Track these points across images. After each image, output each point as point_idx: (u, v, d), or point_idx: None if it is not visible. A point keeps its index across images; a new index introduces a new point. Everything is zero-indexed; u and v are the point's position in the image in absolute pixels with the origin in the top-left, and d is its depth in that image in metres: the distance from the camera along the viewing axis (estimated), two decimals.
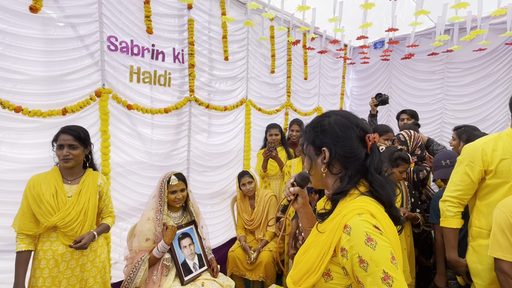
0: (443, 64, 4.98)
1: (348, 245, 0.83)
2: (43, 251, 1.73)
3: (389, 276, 0.78)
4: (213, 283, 2.22)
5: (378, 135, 0.97)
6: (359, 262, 0.80)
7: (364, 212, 0.85)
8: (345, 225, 0.85)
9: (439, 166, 2.22)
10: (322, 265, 0.88)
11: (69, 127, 1.80)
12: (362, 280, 0.81)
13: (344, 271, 0.87)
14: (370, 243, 0.80)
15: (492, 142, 1.63)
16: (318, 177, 1.00)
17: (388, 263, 0.79)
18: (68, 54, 2.28)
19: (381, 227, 0.84)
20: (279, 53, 4.20)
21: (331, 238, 0.87)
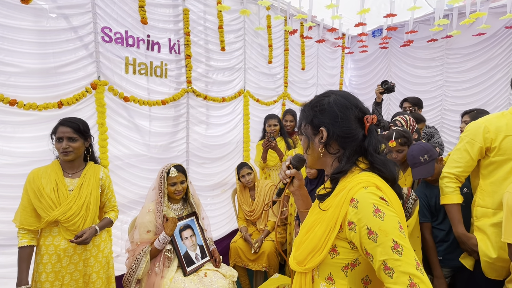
0: (442, 51, 4.93)
1: (356, 218, 0.82)
2: (45, 246, 1.71)
3: (399, 245, 0.78)
4: (216, 273, 2.21)
5: (376, 118, 0.95)
6: (367, 233, 0.80)
7: (369, 185, 0.85)
8: (351, 198, 0.84)
9: (417, 163, 1.93)
10: (329, 241, 0.87)
11: (67, 119, 1.76)
12: (371, 252, 0.80)
13: (350, 245, 0.86)
14: (378, 214, 0.80)
15: (495, 119, 1.63)
16: (315, 156, 0.99)
17: (396, 232, 0.79)
18: (61, 46, 2.25)
19: (387, 199, 0.84)
20: (276, 43, 4.15)
21: (337, 214, 0.86)
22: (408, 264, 0.77)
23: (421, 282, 0.75)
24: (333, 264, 0.89)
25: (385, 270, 0.78)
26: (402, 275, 0.76)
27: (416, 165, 1.93)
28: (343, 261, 0.88)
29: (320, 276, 0.93)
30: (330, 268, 0.90)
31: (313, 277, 0.95)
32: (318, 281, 0.94)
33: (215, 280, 2.14)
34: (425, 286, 0.75)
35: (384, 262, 0.78)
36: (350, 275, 0.88)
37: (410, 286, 0.75)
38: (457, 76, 4.83)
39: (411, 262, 0.77)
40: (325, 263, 0.90)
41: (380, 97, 3.37)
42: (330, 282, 0.91)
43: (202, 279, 2.13)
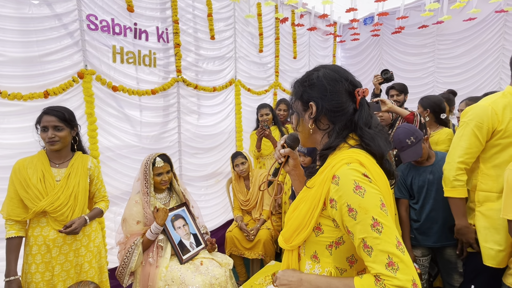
0: (433, 37, 4.94)
1: (337, 195, 0.80)
2: (34, 237, 1.68)
3: (379, 223, 0.76)
4: (212, 261, 2.20)
5: (368, 90, 0.93)
6: (348, 211, 0.78)
7: (352, 161, 0.82)
8: (333, 175, 0.82)
9: (405, 146, 1.86)
10: (313, 219, 0.86)
11: (52, 108, 1.71)
12: (351, 230, 0.79)
13: (334, 224, 0.85)
14: (359, 191, 0.78)
15: (500, 101, 1.54)
16: (306, 133, 0.96)
17: (377, 209, 0.77)
18: (45, 34, 2.18)
19: (370, 175, 0.81)
20: (267, 31, 4.10)
21: (320, 191, 0.84)
22: (387, 243, 0.74)
23: (401, 261, 0.73)
24: (317, 242, 0.88)
25: (364, 248, 0.76)
26: (380, 254, 0.74)
27: (404, 148, 1.89)
28: (327, 240, 0.86)
29: (305, 254, 0.92)
30: (315, 246, 0.89)
31: (300, 255, 0.95)
32: (304, 259, 0.93)
33: (211, 268, 2.12)
34: (405, 265, 0.73)
35: (363, 240, 0.76)
36: (335, 254, 0.86)
37: (389, 265, 0.73)
38: (448, 62, 4.86)
39: (391, 240, 0.75)
40: (310, 241, 0.89)
41: (378, 88, 3.09)
42: (315, 260, 0.90)
43: (198, 267, 2.11)
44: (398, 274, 0.72)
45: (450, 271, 1.94)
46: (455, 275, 1.94)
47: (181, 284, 1.96)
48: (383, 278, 0.73)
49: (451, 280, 1.95)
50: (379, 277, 0.74)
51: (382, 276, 0.73)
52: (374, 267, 0.75)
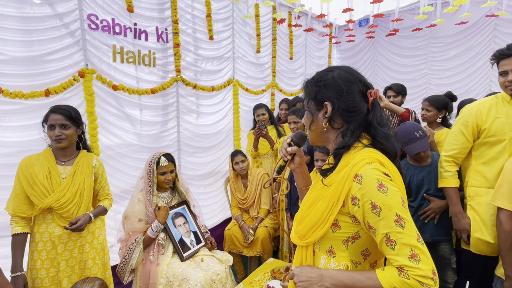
0: (426, 39, 5.04)
1: (360, 193, 0.84)
2: (39, 233, 1.70)
3: (402, 218, 0.81)
4: (212, 258, 2.24)
5: (379, 91, 0.97)
6: (371, 208, 0.82)
7: (373, 161, 0.86)
8: (355, 174, 0.85)
9: (413, 138, 1.98)
10: (331, 216, 0.89)
11: (59, 107, 1.73)
12: (374, 225, 0.83)
13: (352, 220, 0.89)
14: (382, 189, 0.82)
15: (488, 102, 1.71)
16: (319, 132, 0.99)
17: (400, 206, 0.81)
18: (47, 33, 2.19)
19: (390, 174, 0.86)
20: (264, 32, 4.15)
21: (340, 189, 0.88)
22: (410, 237, 0.79)
23: (422, 253, 0.79)
24: (334, 238, 0.91)
25: (387, 243, 0.81)
26: (404, 247, 0.79)
27: (412, 140, 1.97)
28: (344, 235, 0.90)
29: (321, 249, 0.95)
30: (331, 241, 0.92)
31: (314, 251, 0.97)
32: (319, 254, 0.96)
33: (212, 264, 2.16)
34: (425, 256, 0.79)
35: (386, 235, 0.81)
36: (351, 248, 0.90)
37: (412, 257, 0.78)
38: (440, 64, 4.96)
39: (413, 234, 0.80)
40: (326, 237, 0.92)
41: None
42: (331, 254, 0.93)
43: (199, 263, 2.15)
44: (421, 264, 0.77)
45: (444, 267, 2.01)
46: (448, 271, 2.01)
47: (183, 280, 1.99)
48: (407, 269, 0.78)
49: (445, 276, 2.02)
50: (402, 268, 0.79)
51: (406, 268, 0.78)
52: (397, 259, 0.79)
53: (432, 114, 2.49)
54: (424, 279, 0.77)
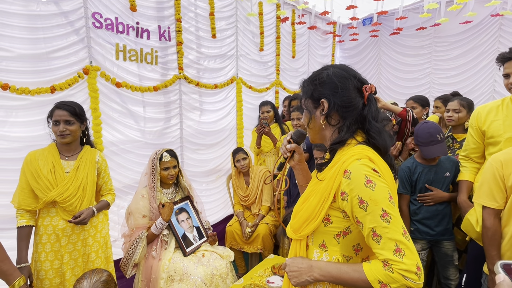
0: (430, 39, 5.02)
1: (348, 188, 0.86)
2: (43, 226, 1.74)
3: (388, 213, 0.83)
4: (213, 254, 2.27)
5: (374, 86, 0.99)
6: (359, 203, 0.85)
7: (362, 157, 0.88)
8: (345, 170, 0.88)
9: (434, 141, 1.94)
10: (322, 211, 0.92)
11: (63, 103, 1.77)
12: (361, 220, 0.85)
13: (343, 215, 0.91)
14: (370, 185, 0.84)
15: (489, 105, 1.84)
16: (317, 129, 1.01)
17: (386, 202, 0.84)
18: (52, 31, 2.23)
19: (379, 170, 0.88)
20: (267, 30, 4.16)
21: (331, 184, 0.90)
22: (395, 232, 0.82)
23: (406, 248, 0.81)
24: (326, 232, 0.94)
25: (373, 237, 0.83)
26: (389, 241, 0.81)
27: (433, 142, 1.95)
28: (335, 230, 0.92)
29: (314, 243, 0.98)
30: (324, 235, 0.95)
31: (308, 244, 1.00)
32: (312, 248, 0.99)
33: (212, 260, 2.19)
34: (410, 251, 0.81)
35: (373, 229, 0.83)
36: (342, 243, 0.93)
37: (396, 251, 0.80)
38: (444, 63, 4.95)
39: (398, 229, 0.82)
40: (318, 231, 0.95)
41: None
42: (323, 248, 0.96)
43: (200, 259, 2.18)
44: (405, 259, 0.80)
45: (446, 264, 2.03)
46: (451, 268, 2.03)
47: (184, 274, 2.03)
48: (391, 263, 0.80)
49: (447, 273, 2.04)
50: (387, 262, 0.81)
51: (390, 261, 0.81)
52: (382, 253, 0.82)
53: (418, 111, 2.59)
54: (408, 273, 0.79)
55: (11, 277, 1.32)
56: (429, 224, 2.02)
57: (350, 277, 0.86)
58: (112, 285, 1.35)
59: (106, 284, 1.32)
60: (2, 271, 1.29)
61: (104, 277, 1.33)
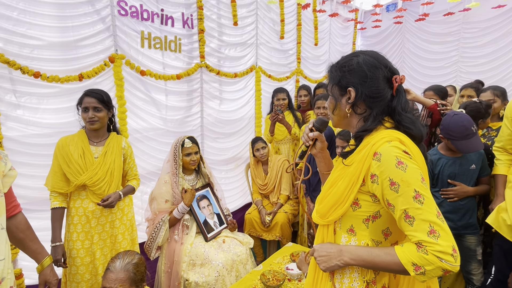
0: (459, 25, 4.80)
1: (379, 170, 0.85)
2: (75, 208, 1.84)
3: (420, 195, 0.81)
4: (234, 240, 2.32)
5: (404, 77, 0.96)
6: (390, 185, 0.84)
7: (393, 140, 0.87)
8: (374, 152, 0.87)
9: (470, 134, 1.80)
10: (351, 195, 0.91)
11: (92, 90, 1.84)
12: (392, 202, 0.84)
13: (372, 198, 0.90)
14: (401, 166, 0.83)
15: None
16: (341, 117, 1.00)
17: (418, 183, 0.82)
18: (80, 19, 2.28)
19: (410, 152, 0.86)
20: (288, 17, 4.09)
21: (360, 168, 0.89)
22: (428, 213, 0.80)
23: (441, 229, 0.79)
24: (354, 217, 0.94)
25: (405, 219, 0.82)
26: (422, 223, 0.80)
27: (469, 136, 1.80)
28: (364, 214, 0.92)
29: (341, 228, 0.98)
30: (352, 220, 0.95)
31: (335, 229, 1.00)
32: (340, 233, 0.98)
33: (233, 246, 2.25)
34: (445, 233, 0.79)
35: (405, 211, 0.82)
36: (371, 227, 0.92)
37: (430, 233, 0.79)
38: (473, 51, 4.73)
39: (432, 211, 0.81)
40: (347, 215, 0.95)
41: None
42: (351, 233, 0.95)
43: (221, 245, 2.23)
44: (440, 240, 0.78)
45: (468, 258, 1.98)
46: (473, 263, 1.98)
47: (205, 259, 2.09)
48: (425, 245, 0.79)
49: (469, 267, 2.00)
50: (421, 244, 0.80)
51: (424, 243, 0.79)
52: (416, 235, 0.81)
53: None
54: (443, 254, 0.77)
55: (40, 256, 1.39)
56: (451, 218, 1.97)
57: (382, 260, 0.86)
58: (142, 268, 1.41)
59: (137, 266, 1.38)
60: (32, 250, 1.37)
61: (135, 260, 1.39)
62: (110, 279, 1.31)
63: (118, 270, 1.33)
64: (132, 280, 1.34)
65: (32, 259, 1.39)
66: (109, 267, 1.35)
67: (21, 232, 1.31)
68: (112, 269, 1.34)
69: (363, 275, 0.93)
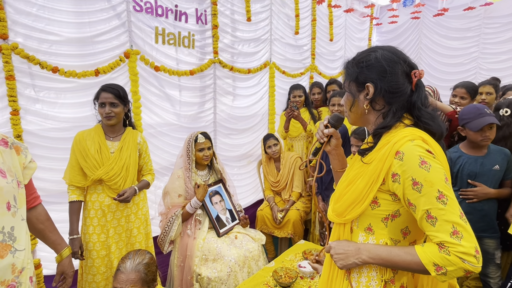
0: (479, 20, 4.64)
1: (401, 169, 0.84)
2: (91, 202, 1.87)
3: (444, 195, 0.80)
4: (246, 236, 2.32)
5: (423, 71, 0.93)
6: (412, 184, 0.82)
7: (416, 138, 0.85)
8: (396, 151, 0.85)
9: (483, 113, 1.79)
10: (371, 193, 0.89)
11: (108, 85, 1.86)
12: (414, 202, 0.83)
13: (392, 197, 0.88)
14: (424, 166, 0.81)
15: None
16: (359, 114, 0.98)
17: (442, 183, 0.81)
18: (96, 15, 2.31)
19: (433, 151, 0.84)
20: (303, 13, 4.04)
21: (381, 166, 0.87)
22: (452, 213, 0.79)
23: (464, 230, 0.77)
24: (373, 216, 0.92)
25: (427, 219, 0.80)
26: (445, 223, 0.78)
27: (482, 114, 1.80)
28: (383, 213, 0.90)
29: (359, 227, 0.96)
30: (370, 219, 0.93)
31: (352, 228, 0.98)
32: (357, 232, 0.96)
33: (245, 242, 2.25)
34: (468, 234, 0.77)
35: (427, 211, 0.80)
36: (390, 226, 0.90)
37: (453, 234, 0.77)
38: (494, 47, 4.57)
39: (455, 211, 0.79)
40: (365, 214, 0.93)
41: None
42: (369, 232, 0.94)
43: (233, 240, 2.24)
44: (463, 241, 0.77)
45: (486, 261, 1.93)
46: (491, 266, 1.93)
47: (217, 255, 2.10)
48: (448, 246, 0.78)
49: (487, 271, 1.94)
50: (443, 244, 0.79)
51: (447, 244, 0.78)
52: (438, 235, 0.79)
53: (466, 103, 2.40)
54: (466, 256, 0.76)
55: (59, 247, 1.41)
56: (469, 220, 1.91)
57: (402, 259, 0.84)
58: (153, 268, 1.39)
59: (148, 266, 1.35)
60: (51, 241, 1.39)
61: (146, 260, 1.36)
62: (121, 280, 1.28)
63: (129, 271, 1.30)
64: (144, 280, 1.31)
65: (51, 250, 1.42)
66: (119, 268, 1.33)
67: (41, 223, 1.34)
68: (123, 270, 1.31)
69: (381, 274, 0.91)
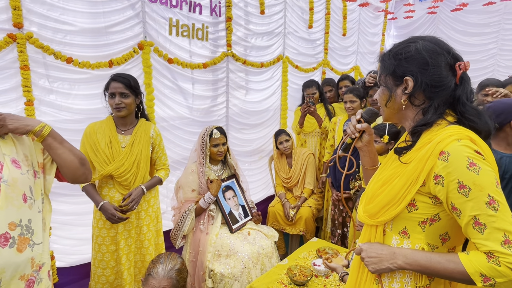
0: (499, 15, 4.50)
1: (445, 171, 0.78)
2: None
3: (495, 200, 0.74)
4: (258, 232, 2.29)
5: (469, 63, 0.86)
6: (458, 188, 0.76)
7: (463, 138, 0.79)
8: (441, 151, 0.79)
9: None
10: (408, 195, 0.84)
11: (119, 75, 1.79)
12: (459, 206, 0.77)
13: (432, 200, 0.83)
14: (473, 168, 0.75)
15: None
16: (396, 109, 0.92)
17: (493, 187, 0.75)
18: (111, 5, 2.26)
19: (482, 152, 0.78)
20: (317, 6, 3.95)
21: (421, 167, 0.82)
22: (503, 221, 0.73)
23: None
24: (409, 219, 0.86)
25: (475, 226, 0.75)
26: (496, 231, 0.73)
27: None
28: (421, 216, 0.85)
29: (393, 229, 0.91)
30: (406, 222, 0.87)
31: (385, 231, 0.93)
32: (391, 235, 0.91)
33: (258, 238, 2.21)
34: None
35: (475, 217, 0.75)
36: (428, 230, 0.85)
37: (505, 243, 0.72)
38: None
39: (508, 219, 0.73)
40: (400, 217, 0.88)
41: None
42: (404, 236, 0.88)
43: (246, 237, 2.21)
44: None
45: None
46: None
47: (231, 251, 2.07)
48: (498, 255, 0.72)
49: None
50: (492, 254, 0.73)
51: (497, 254, 0.72)
52: (487, 244, 0.74)
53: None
54: None
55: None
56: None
57: (443, 267, 0.79)
58: (185, 274, 1.33)
59: (180, 273, 1.30)
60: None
61: (178, 265, 1.31)
62: (153, 286, 1.23)
63: (161, 277, 1.24)
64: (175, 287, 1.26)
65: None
66: (150, 273, 1.26)
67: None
68: (155, 276, 1.25)
69: (416, 280, 0.86)
